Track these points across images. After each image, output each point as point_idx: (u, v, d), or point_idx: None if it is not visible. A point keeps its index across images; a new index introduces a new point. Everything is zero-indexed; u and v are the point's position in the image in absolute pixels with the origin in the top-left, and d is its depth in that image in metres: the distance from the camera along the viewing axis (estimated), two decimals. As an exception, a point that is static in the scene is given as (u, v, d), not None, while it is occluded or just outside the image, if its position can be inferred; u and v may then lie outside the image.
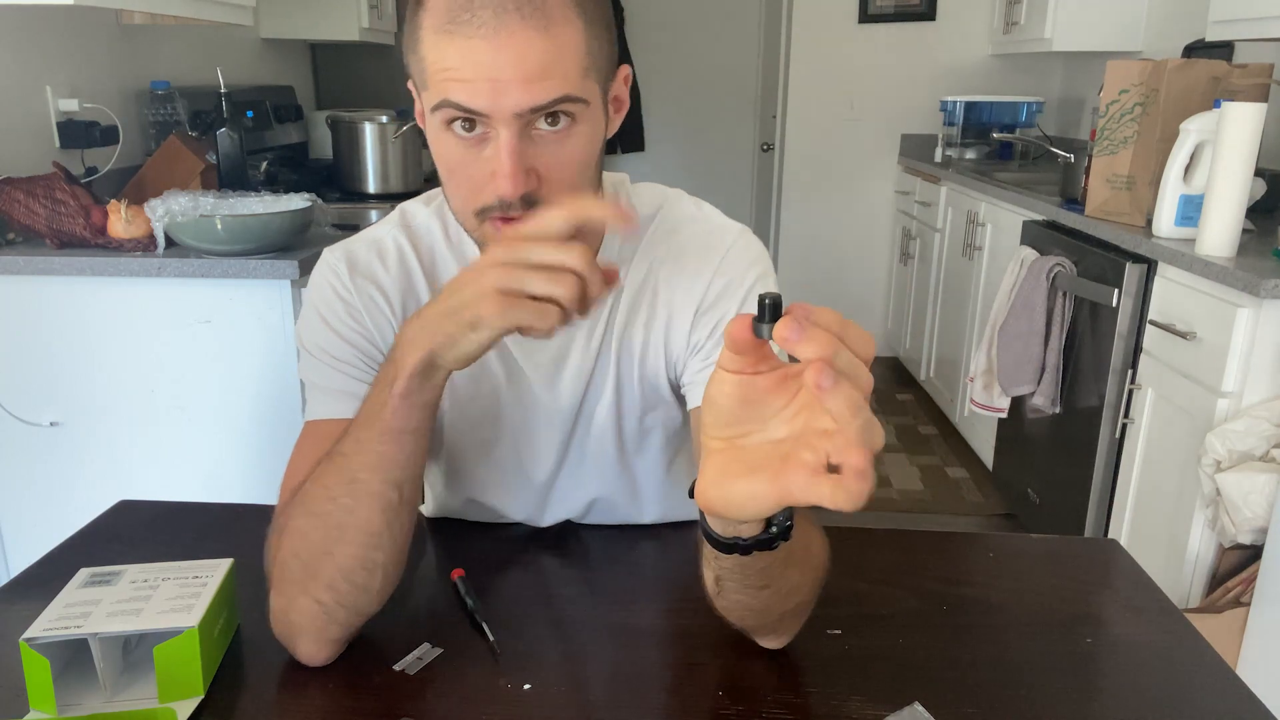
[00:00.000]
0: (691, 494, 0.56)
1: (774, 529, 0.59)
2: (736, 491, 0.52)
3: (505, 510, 0.97)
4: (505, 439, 0.93)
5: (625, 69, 0.78)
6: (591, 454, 0.94)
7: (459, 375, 0.78)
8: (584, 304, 0.61)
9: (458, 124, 0.69)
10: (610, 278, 0.62)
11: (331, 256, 0.88)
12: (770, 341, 0.49)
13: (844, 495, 0.46)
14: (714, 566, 0.65)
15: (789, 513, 0.58)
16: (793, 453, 0.49)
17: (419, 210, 0.90)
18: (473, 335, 0.63)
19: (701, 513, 0.59)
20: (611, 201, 0.62)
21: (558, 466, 0.94)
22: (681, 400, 0.92)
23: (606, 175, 0.86)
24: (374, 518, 0.70)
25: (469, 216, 0.74)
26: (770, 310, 0.48)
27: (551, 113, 0.69)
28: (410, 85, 0.75)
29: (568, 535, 0.96)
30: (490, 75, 0.66)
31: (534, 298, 0.61)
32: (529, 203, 0.70)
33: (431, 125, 0.72)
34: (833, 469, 0.47)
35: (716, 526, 0.60)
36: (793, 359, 0.48)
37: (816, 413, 0.49)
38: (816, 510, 0.54)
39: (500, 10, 0.66)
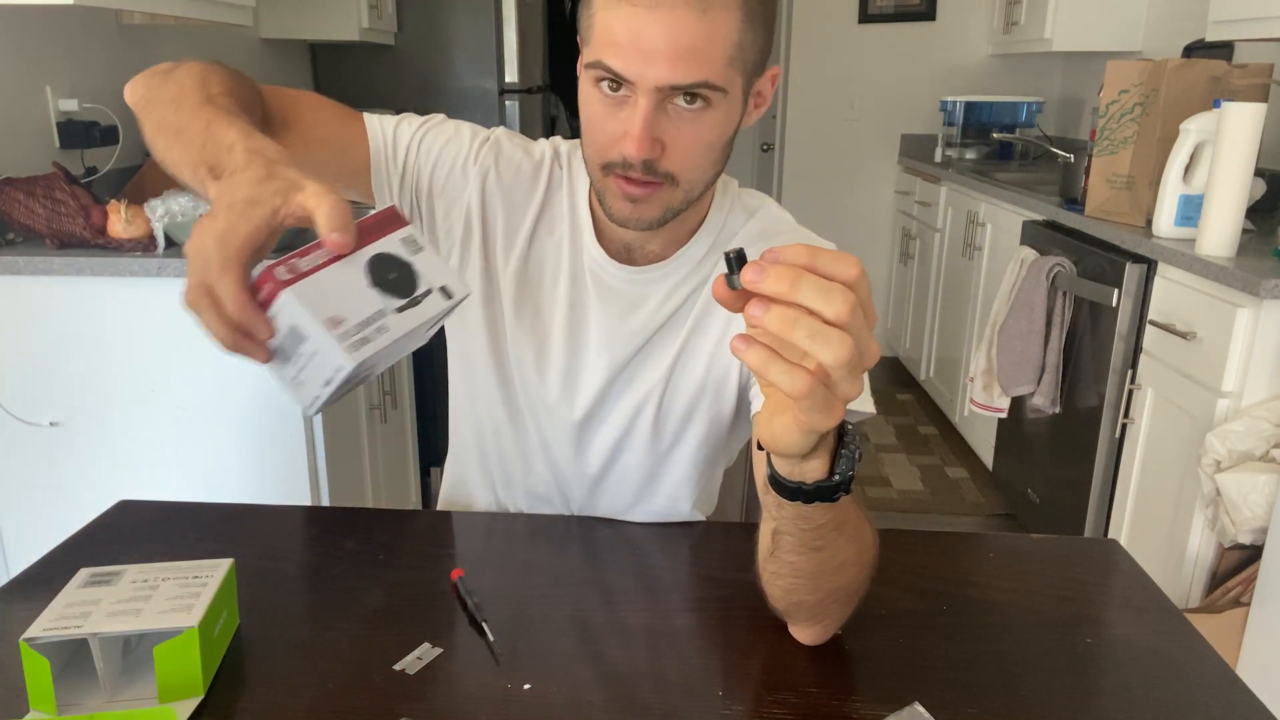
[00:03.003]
0: (760, 447, 0.62)
1: (836, 477, 0.61)
2: (776, 425, 0.57)
3: (542, 426, 0.97)
4: (557, 348, 0.94)
5: (775, 69, 0.83)
6: (630, 412, 0.95)
7: (528, 271, 0.92)
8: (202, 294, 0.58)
9: (605, 83, 0.76)
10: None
11: (503, 128, 0.96)
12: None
13: (803, 404, 0.52)
14: (774, 518, 0.66)
15: (851, 462, 0.61)
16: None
17: (564, 143, 0.98)
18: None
19: (769, 459, 0.62)
20: (340, 224, 0.60)
21: (600, 398, 0.95)
22: (741, 405, 0.94)
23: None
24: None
25: (596, 167, 0.81)
26: (736, 262, 0.52)
27: (690, 93, 0.74)
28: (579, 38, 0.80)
29: (569, 535, 0.96)
30: (642, 46, 0.72)
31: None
32: (649, 168, 0.77)
33: (584, 79, 0.78)
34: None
35: (782, 469, 0.61)
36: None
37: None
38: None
39: None
